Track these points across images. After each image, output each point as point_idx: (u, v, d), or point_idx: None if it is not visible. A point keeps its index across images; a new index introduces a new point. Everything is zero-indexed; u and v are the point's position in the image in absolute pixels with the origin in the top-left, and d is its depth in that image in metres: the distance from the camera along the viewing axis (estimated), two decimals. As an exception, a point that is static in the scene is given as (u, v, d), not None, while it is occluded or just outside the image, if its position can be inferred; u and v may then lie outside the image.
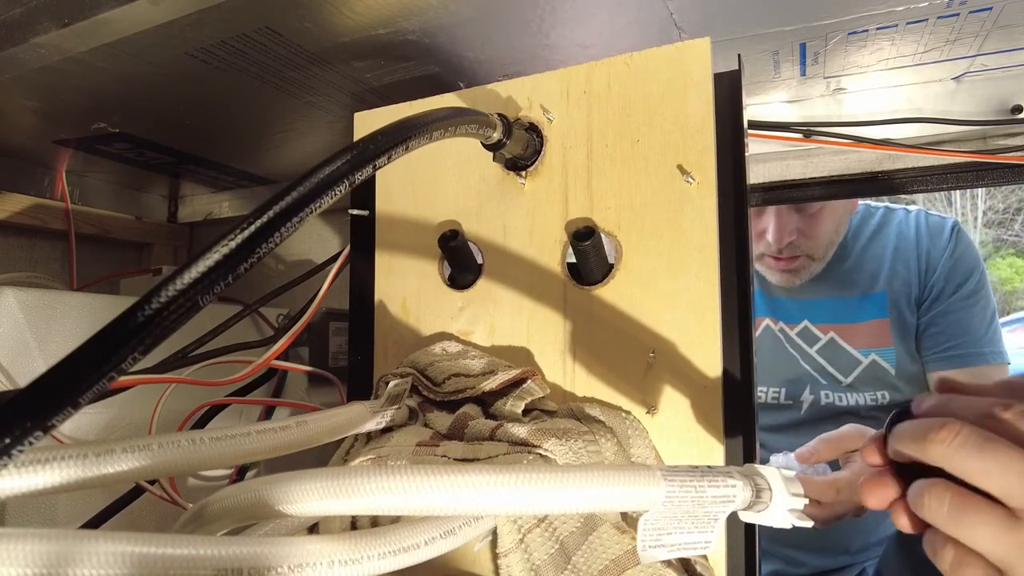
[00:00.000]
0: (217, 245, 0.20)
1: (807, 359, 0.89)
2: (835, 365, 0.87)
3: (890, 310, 0.86)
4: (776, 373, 0.90)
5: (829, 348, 0.88)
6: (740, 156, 0.37)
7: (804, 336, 0.90)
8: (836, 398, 0.87)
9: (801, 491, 0.25)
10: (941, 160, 0.53)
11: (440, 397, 0.40)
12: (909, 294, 0.85)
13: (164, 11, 0.39)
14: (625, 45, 0.45)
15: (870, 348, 0.86)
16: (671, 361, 0.36)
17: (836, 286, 0.88)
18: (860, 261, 0.89)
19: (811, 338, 0.89)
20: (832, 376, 0.87)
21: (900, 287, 0.86)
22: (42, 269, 0.79)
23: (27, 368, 0.50)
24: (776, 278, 0.88)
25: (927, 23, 0.42)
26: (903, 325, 0.85)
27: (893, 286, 0.86)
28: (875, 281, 0.87)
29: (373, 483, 0.23)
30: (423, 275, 0.45)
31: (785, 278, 0.87)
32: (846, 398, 0.86)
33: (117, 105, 0.56)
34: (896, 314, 0.85)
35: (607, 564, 0.32)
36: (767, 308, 0.92)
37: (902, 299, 0.85)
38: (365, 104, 0.54)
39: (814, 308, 0.90)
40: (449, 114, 0.31)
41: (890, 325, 0.85)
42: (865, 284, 0.87)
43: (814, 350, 0.88)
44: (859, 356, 0.86)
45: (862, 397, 0.86)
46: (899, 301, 0.85)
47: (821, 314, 0.89)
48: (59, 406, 0.17)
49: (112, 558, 0.18)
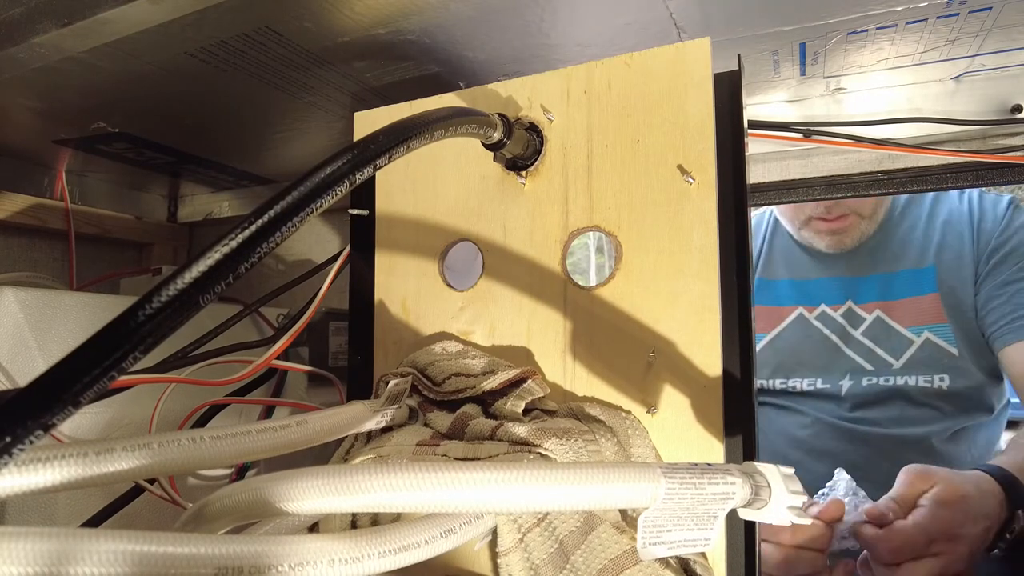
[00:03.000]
0: (217, 245, 0.20)
1: (852, 343, 0.83)
2: (884, 346, 0.81)
3: (940, 285, 0.80)
4: (813, 363, 0.85)
5: (875, 328, 0.82)
6: (740, 156, 0.37)
7: (848, 317, 0.84)
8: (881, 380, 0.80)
9: (800, 488, 0.25)
10: (941, 160, 0.53)
11: (440, 397, 0.40)
12: (961, 268, 0.80)
13: (164, 11, 0.39)
14: (625, 45, 0.45)
15: (922, 326, 0.80)
16: (671, 361, 0.36)
17: (881, 261, 0.84)
18: (908, 235, 0.84)
19: (855, 319, 0.84)
20: (881, 360, 0.81)
21: (951, 260, 0.81)
22: (42, 269, 0.79)
23: (27, 368, 0.50)
24: (825, 242, 0.84)
25: (926, 23, 0.42)
26: (956, 301, 0.80)
27: (943, 260, 0.81)
28: (924, 255, 0.82)
29: (374, 480, 0.23)
30: (423, 275, 0.46)
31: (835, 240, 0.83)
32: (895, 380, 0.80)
33: (117, 105, 0.56)
34: (947, 289, 0.80)
35: (606, 564, 0.32)
36: (799, 296, 0.88)
37: (953, 273, 0.80)
38: (365, 104, 0.54)
39: (858, 287, 0.85)
40: (449, 114, 0.31)
41: (942, 301, 0.80)
42: (913, 258, 0.82)
43: (859, 332, 0.83)
44: (911, 335, 0.80)
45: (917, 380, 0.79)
46: (950, 276, 0.80)
47: (866, 292, 0.84)
48: (59, 405, 0.17)
49: (112, 556, 0.18)
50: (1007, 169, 0.52)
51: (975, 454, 0.83)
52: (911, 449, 0.80)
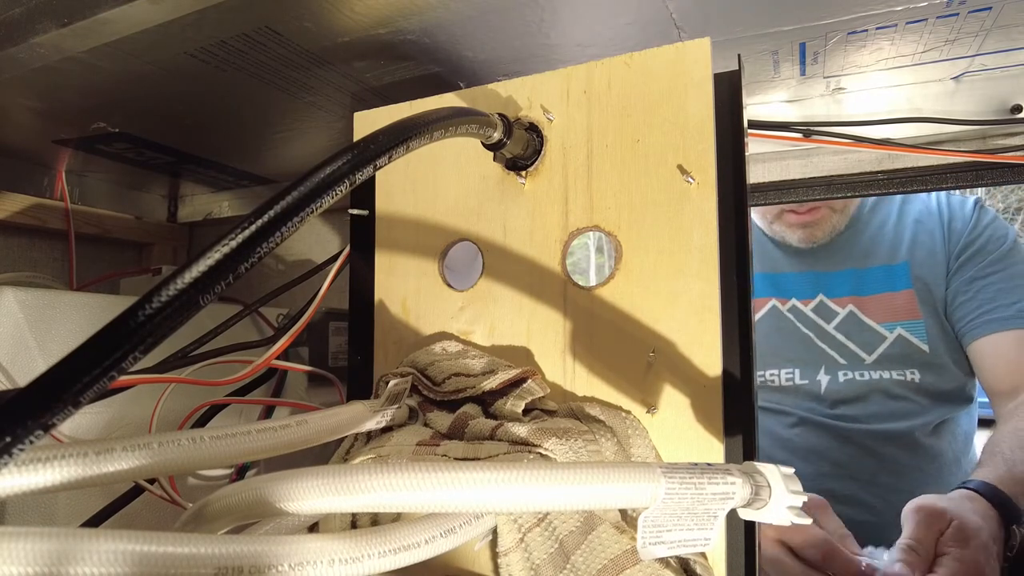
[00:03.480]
0: (217, 245, 0.20)
1: (824, 337, 0.83)
2: (856, 341, 0.82)
3: (914, 281, 0.81)
4: (787, 355, 0.85)
5: (848, 323, 0.82)
6: (740, 156, 0.37)
7: (820, 312, 0.84)
8: (856, 375, 0.81)
9: (800, 488, 0.25)
10: (940, 160, 0.53)
11: (440, 397, 0.40)
12: (935, 265, 0.81)
13: (164, 11, 0.39)
14: (625, 45, 0.45)
15: (895, 322, 0.81)
16: (671, 360, 0.36)
17: (853, 257, 0.84)
18: (879, 233, 0.84)
19: (827, 313, 0.84)
20: (853, 354, 0.82)
21: (924, 257, 0.81)
22: (42, 269, 0.79)
23: (27, 368, 0.50)
24: (797, 235, 0.84)
25: (926, 23, 0.42)
26: (930, 297, 0.80)
27: (916, 256, 0.81)
28: (896, 252, 0.82)
29: (374, 480, 0.23)
30: (423, 275, 0.46)
31: (807, 234, 0.83)
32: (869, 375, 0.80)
33: (117, 105, 0.56)
34: (921, 285, 0.80)
35: (606, 563, 0.32)
36: (771, 288, 0.88)
37: (927, 270, 0.81)
38: (365, 104, 0.54)
39: (830, 281, 0.85)
40: (450, 114, 0.31)
41: (916, 296, 0.80)
42: (885, 255, 0.83)
43: (831, 326, 0.83)
44: (883, 331, 0.81)
45: (890, 375, 0.80)
46: (924, 272, 0.81)
47: (837, 287, 0.84)
48: (59, 405, 0.17)
49: (112, 556, 0.18)
50: (1007, 169, 0.52)
51: (956, 448, 0.83)
52: (895, 444, 0.80)
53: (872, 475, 0.80)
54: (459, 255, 0.46)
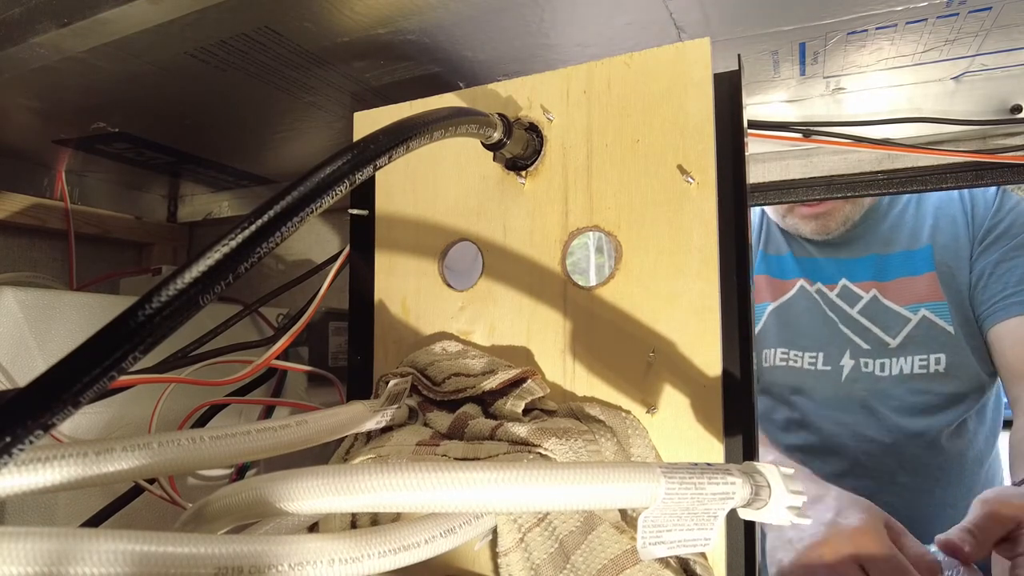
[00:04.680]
0: (217, 245, 0.20)
1: (847, 322, 0.83)
2: (880, 325, 0.81)
3: (937, 265, 0.80)
4: (812, 337, 0.85)
5: (871, 307, 0.82)
6: (740, 156, 0.37)
7: (844, 296, 0.84)
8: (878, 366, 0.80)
9: (800, 488, 0.25)
10: (941, 160, 0.53)
11: (440, 396, 0.40)
12: (958, 249, 0.80)
13: (164, 11, 0.39)
14: (625, 45, 0.45)
15: (919, 303, 0.80)
16: (671, 360, 0.36)
17: (875, 244, 0.84)
18: (899, 221, 0.84)
19: (851, 298, 0.83)
20: (878, 339, 0.81)
21: (947, 241, 0.81)
22: (42, 269, 0.79)
23: (27, 368, 0.50)
24: (809, 228, 0.84)
25: (926, 23, 0.42)
26: (953, 282, 0.79)
27: (938, 240, 0.81)
28: (918, 237, 0.82)
29: (374, 480, 0.23)
30: (423, 275, 0.46)
31: (818, 225, 0.83)
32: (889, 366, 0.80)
33: (117, 105, 0.56)
34: (945, 269, 0.80)
35: (605, 563, 0.32)
36: (799, 269, 0.88)
37: (950, 254, 0.80)
38: (365, 104, 0.54)
39: (852, 266, 0.84)
40: (450, 114, 0.31)
41: (939, 279, 0.80)
42: (907, 241, 0.83)
43: (855, 311, 0.83)
44: (907, 313, 0.80)
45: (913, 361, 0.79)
46: (947, 256, 0.80)
47: (860, 272, 0.84)
48: (59, 405, 0.17)
49: (112, 556, 0.18)
50: (1007, 169, 0.51)
51: (976, 449, 0.83)
52: (917, 444, 0.80)
53: (892, 475, 0.80)
54: (459, 255, 0.46)
